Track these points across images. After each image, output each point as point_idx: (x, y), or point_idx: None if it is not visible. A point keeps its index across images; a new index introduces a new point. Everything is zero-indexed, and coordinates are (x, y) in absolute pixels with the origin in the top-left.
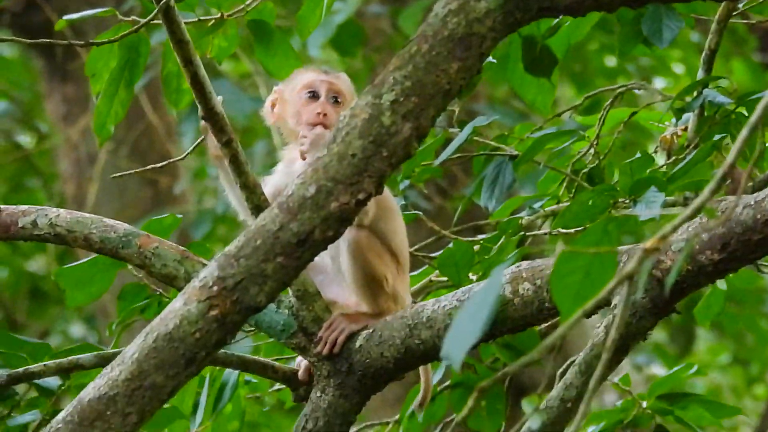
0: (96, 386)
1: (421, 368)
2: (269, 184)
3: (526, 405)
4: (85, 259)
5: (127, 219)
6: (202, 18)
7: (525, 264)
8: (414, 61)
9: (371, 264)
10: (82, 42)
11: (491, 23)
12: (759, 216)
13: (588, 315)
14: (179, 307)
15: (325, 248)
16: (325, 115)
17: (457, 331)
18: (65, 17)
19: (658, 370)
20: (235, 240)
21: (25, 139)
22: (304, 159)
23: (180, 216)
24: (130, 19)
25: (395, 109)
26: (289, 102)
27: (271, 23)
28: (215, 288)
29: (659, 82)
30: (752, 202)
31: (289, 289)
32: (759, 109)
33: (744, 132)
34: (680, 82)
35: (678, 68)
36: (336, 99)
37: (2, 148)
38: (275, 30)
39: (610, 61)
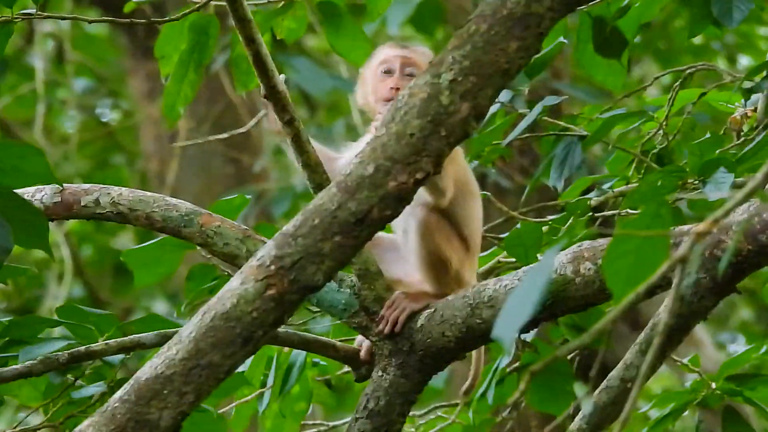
0: (153, 365)
1: (474, 353)
2: (344, 158)
3: (578, 389)
4: (153, 240)
5: (210, 196)
6: (269, 0)
7: (586, 243)
8: (472, 41)
9: (438, 246)
10: (145, 20)
11: (550, 3)
12: None
13: (641, 299)
14: (236, 286)
15: (383, 228)
16: (398, 89)
17: (507, 312)
18: None
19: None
20: (293, 219)
21: (111, 116)
22: None
23: (249, 196)
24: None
25: (453, 88)
26: (367, 80)
27: (340, 4)
28: (272, 267)
29: (745, 60)
30: None
31: (351, 267)
32: None
33: None
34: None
35: (766, 45)
36: (411, 73)
37: (87, 124)
38: (344, 11)
39: (697, 38)
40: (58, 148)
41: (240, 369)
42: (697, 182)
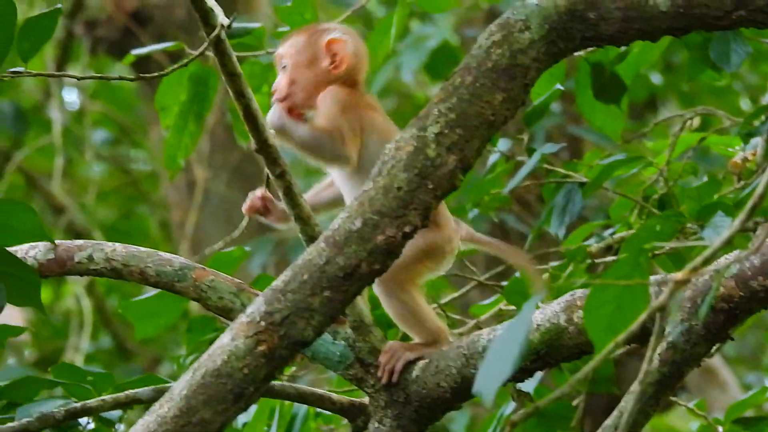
0: (145, 423)
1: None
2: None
3: None
4: (152, 293)
5: (232, 244)
6: (270, 51)
7: (579, 292)
8: (458, 93)
9: (402, 306)
10: (147, 75)
11: (535, 54)
12: None
13: (621, 347)
14: (227, 342)
15: (372, 282)
16: (275, 89)
17: (488, 367)
18: (133, 52)
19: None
20: (282, 274)
21: (135, 165)
22: None
23: (248, 249)
24: (197, 52)
25: (440, 141)
26: None
27: None
28: (262, 323)
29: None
30: None
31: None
32: None
33: None
34: None
35: None
36: (285, 65)
37: (112, 174)
38: None
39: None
40: (82, 198)
41: (243, 421)
42: (695, 227)
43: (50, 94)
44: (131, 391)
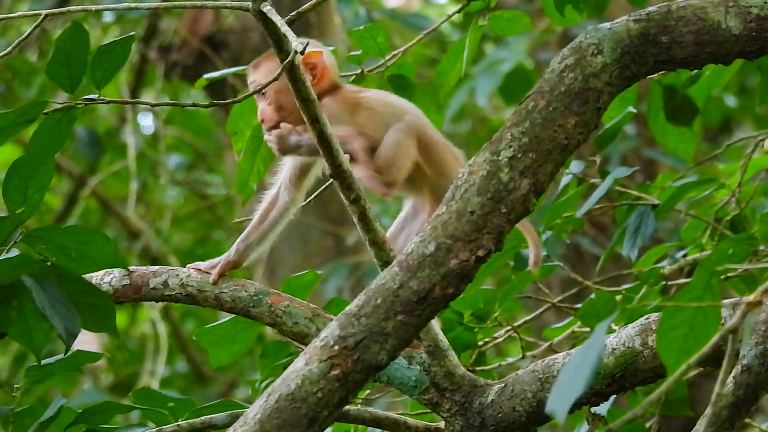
0: None
1: (524, 230)
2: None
3: None
4: (226, 318)
5: (310, 268)
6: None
7: (654, 315)
8: (531, 117)
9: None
10: (220, 102)
11: (608, 78)
12: None
13: (693, 370)
14: (300, 367)
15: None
16: (262, 120)
17: (560, 387)
18: (205, 76)
19: None
20: (356, 299)
21: (211, 190)
22: None
23: (320, 273)
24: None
25: (513, 165)
26: None
27: (411, 78)
28: (336, 347)
29: None
30: None
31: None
32: None
33: None
34: None
35: None
36: (264, 93)
37: (189, 198)
38: (416, 85)
39: None
40: (157, 223)
41: None
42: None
43: (125, 119)
44: (207, 416)
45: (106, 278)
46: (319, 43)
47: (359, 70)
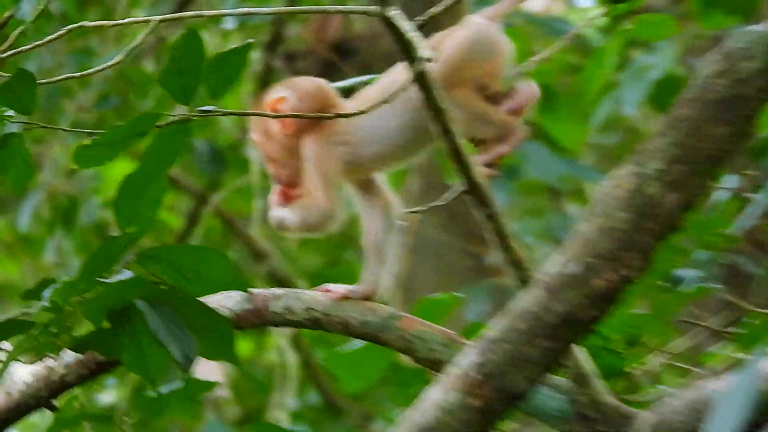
0: None
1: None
2: None
3: None
4: (359, 344)
5: (446, 290)
6: None
7: None
8: (678, 127)
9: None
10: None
11: (760, 83)
12: None
13: None
14: (437, 396)
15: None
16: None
17: (714, 419)
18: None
19: None
20: (494, 322)
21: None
22: None
23: (461, 295)
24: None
25: (660, 178)
26: None
27: (553, 86)
28: (474, 375)
29: None
30: None
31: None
32: None
33: None
34: None
35: None
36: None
37: None
38: (558, 92)
39: None
40: (284, 243)
41: None
42: None
43: (248, 132)
44: None
45: (225, 302)
46: (299, 79)
47: None
